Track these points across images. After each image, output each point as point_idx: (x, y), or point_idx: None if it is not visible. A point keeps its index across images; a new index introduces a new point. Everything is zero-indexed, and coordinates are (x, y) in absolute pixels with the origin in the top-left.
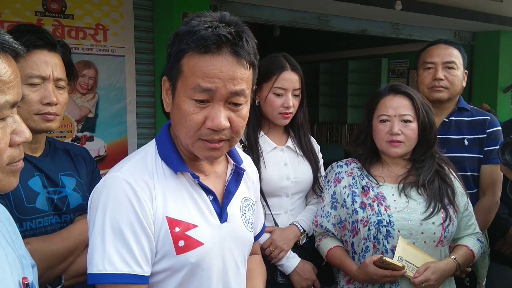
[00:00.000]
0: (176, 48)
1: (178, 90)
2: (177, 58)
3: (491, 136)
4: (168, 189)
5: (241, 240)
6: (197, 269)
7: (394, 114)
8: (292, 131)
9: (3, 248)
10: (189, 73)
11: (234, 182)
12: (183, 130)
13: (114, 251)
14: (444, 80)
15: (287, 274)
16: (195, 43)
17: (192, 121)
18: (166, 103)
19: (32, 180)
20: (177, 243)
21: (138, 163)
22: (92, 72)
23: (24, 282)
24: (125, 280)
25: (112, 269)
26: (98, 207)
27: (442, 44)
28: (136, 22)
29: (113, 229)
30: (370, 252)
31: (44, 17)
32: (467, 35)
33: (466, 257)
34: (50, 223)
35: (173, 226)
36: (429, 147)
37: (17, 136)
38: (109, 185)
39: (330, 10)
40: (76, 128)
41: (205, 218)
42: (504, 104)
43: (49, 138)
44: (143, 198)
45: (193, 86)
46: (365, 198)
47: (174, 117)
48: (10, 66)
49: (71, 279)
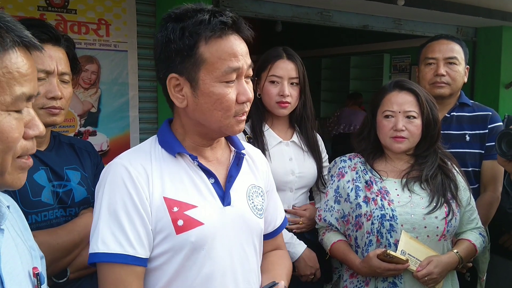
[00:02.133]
0: (189, 41)
1: (201, 80)
2: (194, 49)
3: (492, 131)
4: (167, 172)
5: (248, 225)
6: (198, 249)
7: (399, 110)
8: (297, 125)
9: (13, 239)
10: (215, 58)
11: (235, 167)
12: (218, 114)
13: (108, 231)
14: (445, 76)
15: (292, 261)
16: (213, 30)
17: (229, 101)
18: (179, 99)
19: (37, 173)
20: (176, 222)
21: (137, 150)
22: (95, 67)
23: (35, 272)
24: (118, 259)
25: (105, 248)
26: (99, 191)
27: (443, 39)
28: (139, 17)
29: (109, 211)
30: (373, 246)
31: (46, 12)
32: (469, 30)
33: (469, 251)
34: (55, 216)
35: (171, 206)
36: (433, 143)
37: (31, 130)
38: (108, 170)
39: (332, 6)
40: (79, 123)
41: (205, 200)
42: (507, 100)
43: (53, 132)
44: (139, 181)
45: (223, 69)
46: (368, 193)
47: (203, 106)
48: (28, 60)
49: (76, 272)
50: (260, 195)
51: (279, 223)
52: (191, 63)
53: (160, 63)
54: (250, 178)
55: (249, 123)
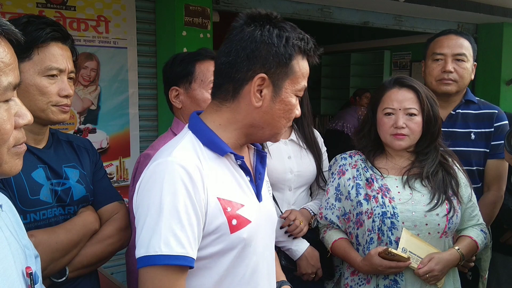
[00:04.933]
0: (290, 51)
1: (285, 88)
2: (291, 59)
3: (498, 130)
4: (216, 172)
5: (273, 218)
6: (248, 246)
7: (399, 108)
8: (295, 122)
9: (6, 238)
10: (299, 73)
11: (260, 164)
12: (283, 122)
13: (170, 233)
14: (453, 72)
15: (295, 259)
16: (305, 51)
17: (294, 112)
18: (257, 98)
19: (35, 172)
20: (231, 222)
21: (186, 148)
22: (94, 64)
23: (28, 271)
24: (179, 261)
25: (168, 250)
26: (152, 190)
27: (452, 34)
28: (138, 13)
29: (170, 212)
30: (374, 243)
31: (45, 9)
32: (470, 27)
33: (470, 247)
34: (54, 215)
35: (225, 206)
36: (433, 140)
37: (20, 119)
38: (163, 169)
39: (333, 2)
40: (78, 120)
41: (248, 198)
42: (507, 97)
43: (52, 130)
44: (197, 182)
45: (301, 85)
46: (369, 190)
47: (276, 112)
48: (9, 49)
49: (75, 271)
50: (270, 189)
51: None
52: (283, 70)
53: (248, 60)
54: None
55: None
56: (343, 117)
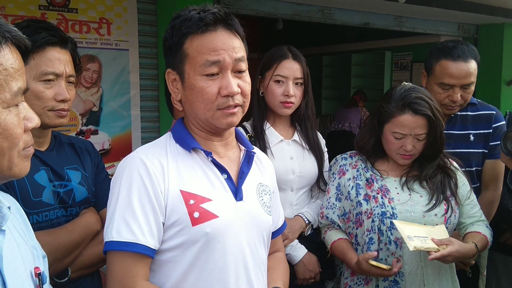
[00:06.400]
0: (176, 38)
1: (187, 73)
2: (180, 45)
3: (496, 131)
4: (182, 166)
5: (259, 220)
6: (213, 241)
7: (410, 133)
8: (298, 124)
9: (15, 239)
10: (195, 53)
11: (246, 164)
12: (201, 106)
13: (122, 221)
14: (460, 99)
15: (293, 264)
16: (194, 26)
17: (208, 93)
18: (175, 92)
19: (38, 174)
20: (192, 214)
21: (153, 145)
22: (96, 66)
23: (36, 271)
24: (129, 248)
25: (118, 237)
26: (115, 183)
27: (461, 61)
28: (140, 16)
29: (124, 202)
30: (375, 244)
31: (48, 11)
32: (470, 27)
33: (483, 243)
34: (56, 216)
35: (188, 199)
36: (436, 156)
37: (28, 122)
38: (125, 163)
39: (333, 3)
40: (80, 122)
41: (219, 194)
42: (508, 97)
43: (54, 132)
44: (155, 174)
45: (202, 62)
46: (369, 190)
47: (189, 98)
48: (17, 55)
49: (77, 272)
50: (267, 193)
51: (281, 223)
52: (178, 58)
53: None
54: (259, 176)
55: (251, 122)
56: (348, 118)
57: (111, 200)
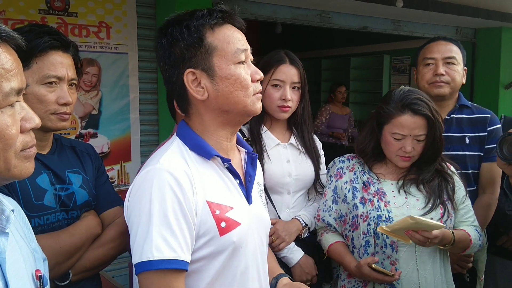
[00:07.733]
0: (196, 34)
1: (217, 66)
2: (203, 40)
3: (491, 134)
4: (204, 176)
5: (265, 220)
6: (238, 248)
7: (410, 134)
8: (295, 128)
9: (16, 242)
10: (224, 43)
11: (251, 167)
12: (240, 94)
13: (160, 238)
14: (445, 75)
15: (290, 266)
16: (216, 19)
17: (247, 79)
18: (199, 92)
19: (40, 177)
20: (220, 224)
21: (173, 155)
22: (96, 69)
23: (37, 274)
24: (172, 265)
25: (159, 255)
26: (142, 198)
27: (441, 40)
28: (139, 19)
29: (159, 218)
30: (371, 247)
31: (47, 15)
32: (468, 31)
33: (463, 238)
34: (58, 219)
35: (214, 209)
36: (435, 158)
37: (27, 123)
38: (152, 176)
39: (332, 7)
40: (80, 125)
41: (237, 200)
42: (506, 101)
43: (55, 135)
44: (185, 187)
45: (234, 51)
46: (365, 194)
47: (224, 91)
48: (11, 55)
49: (78, 275)
50: (262, 191)
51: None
52: (202, 53)
53: (170, 69)
54: (258, 175)
55: (247, 125)
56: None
57: (140, 217)
